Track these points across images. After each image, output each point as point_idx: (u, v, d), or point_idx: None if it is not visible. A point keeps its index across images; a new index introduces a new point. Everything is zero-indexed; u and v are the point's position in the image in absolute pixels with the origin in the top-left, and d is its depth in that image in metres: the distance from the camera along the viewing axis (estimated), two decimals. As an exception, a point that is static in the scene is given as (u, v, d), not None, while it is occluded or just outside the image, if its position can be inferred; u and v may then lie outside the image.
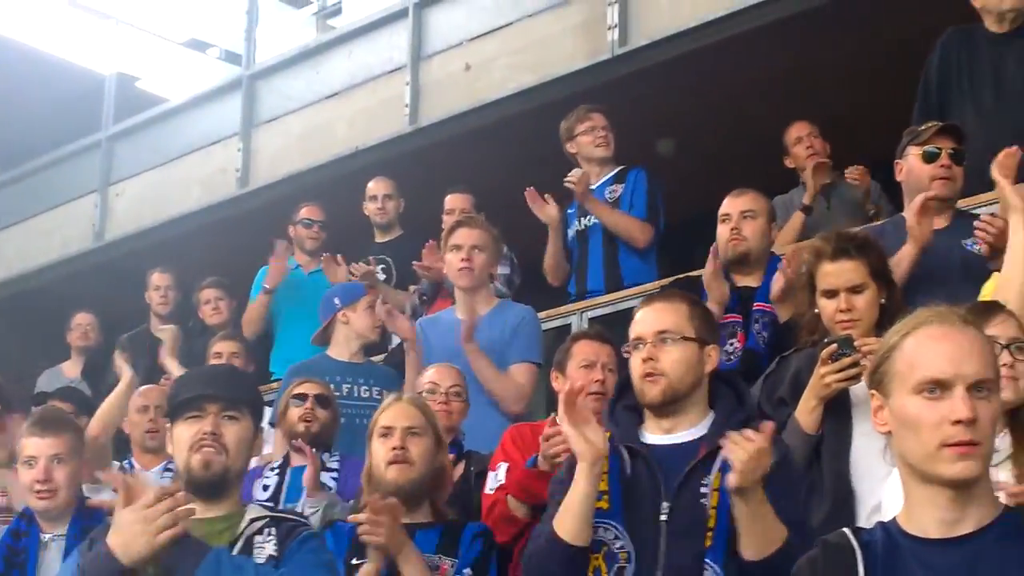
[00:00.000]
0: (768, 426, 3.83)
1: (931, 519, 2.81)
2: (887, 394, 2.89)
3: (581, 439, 3.91)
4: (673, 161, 9.95)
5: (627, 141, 8.04)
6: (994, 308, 4.19)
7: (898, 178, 5.86)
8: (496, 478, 5.25)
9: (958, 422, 2.74)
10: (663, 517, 3.94)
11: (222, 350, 8.28)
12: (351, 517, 4.72)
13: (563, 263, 8.01)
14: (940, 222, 5.60)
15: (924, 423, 2.79)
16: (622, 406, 4.21)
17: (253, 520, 4.01)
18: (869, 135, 8.66)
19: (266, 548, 3.96)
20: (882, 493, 4.01)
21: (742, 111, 9.04)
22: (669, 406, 4.08)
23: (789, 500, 3.95)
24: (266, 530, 4.00)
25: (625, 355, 4.24)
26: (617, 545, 3.97)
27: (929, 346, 2.84)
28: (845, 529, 2.93)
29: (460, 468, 5.66)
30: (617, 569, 3.94)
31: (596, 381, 5.27)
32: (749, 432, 3.77)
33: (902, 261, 5.41)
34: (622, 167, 7.95)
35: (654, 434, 4.10)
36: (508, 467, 5.21)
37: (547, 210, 7.85)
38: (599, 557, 3.97)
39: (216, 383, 4.17)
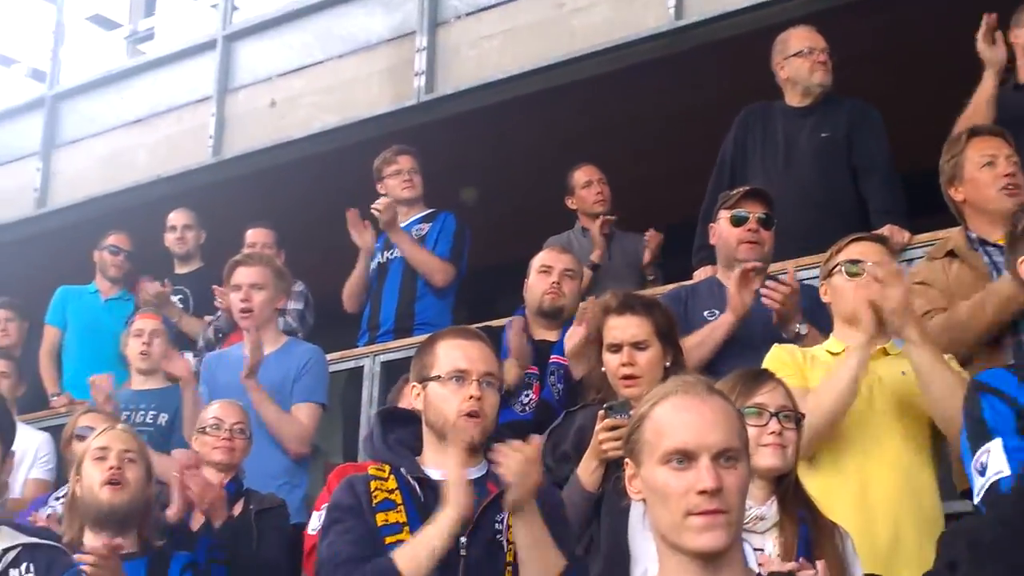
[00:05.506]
0: (535, 439, 3.95)
1: None
2: (639, 463, 2.95)
3: (461, 488, 3.89)
4: (474, 209, 10.10)
5: (430, 187, 8.16)
6: (763, 376, 4.26)
7: (711, 241, 5.99)
8: (320, 518, 5.17)
9: (703, 491, 2.81)
10: (462, 552, 3.96)
11: None
12: (77, 556, 4.65)
13: (362, 292, 8.08)
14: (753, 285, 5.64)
15: (671, 493, 2.84)
16: (394, 439, 4.22)
17: (7, 550, 3.96)
18: (655, 196, 8.97)
19: None
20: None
21: (542, 164, 9.20)
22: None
23: (566, 534, 4.08)
24: (24, 563, 3.95)
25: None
26: None
27: (674, 416, 2.89)
28: None
29: (240, 506, 5.68)
30: None
31: None
32: (516, 443, 3.89)
33: (718, 328, 5.54)
34: (432, 210, 8.09)
35: (436, 469, 4.10)
36: None
37: (364, 235, 7.94)
38: None
39: None
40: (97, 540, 4.86)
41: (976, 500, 3.84)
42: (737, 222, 5.79)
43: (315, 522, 5.29)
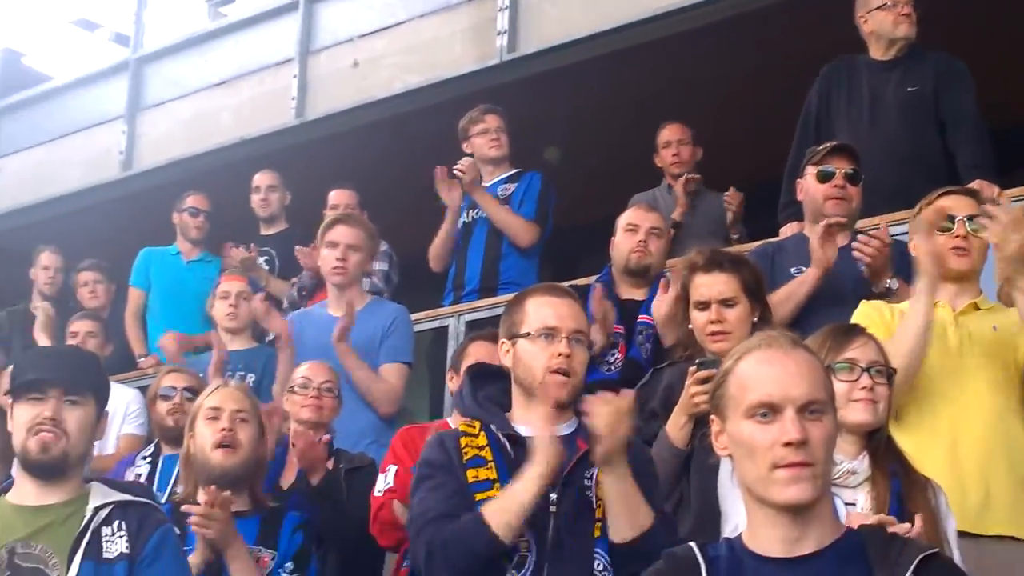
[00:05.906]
0: (627, 392, 3.95)
1: (772, 538, 2.87)
2: (724, 418, 2.95)
3: (549, 445, 3.90)
4: (558, 168, 10.08)
5: (512, 146, 8.13)
6: (854, 331, 4.23)
7: (798, 197, 5.95)
8: (385, 480, 5.29)
9: (788, 444, 2.81)
10: (552, 508, 3.96)
11: (78, 329, 8.27)
12: (184, 507, 4.74)
13: (449, 251, 8.08)
14: (838, 240, 5.63)
15: (757, 446, 2.84)
16: (483, 396, 4.22)
17: (98, 508, 3.97)
18: (739, 154, 8.89)
19: (116, 544, 3.93)
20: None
21: (626, 122, 9.16)
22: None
23: (654, 491, 4.08)
24: (115, 521, 3.97)
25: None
26: None
27: (758, 370, 2.90)
28: (691, 544, 2.98)
29: (330, 465, 5.68)
30: (519, 558, 3.92)
31: None
32: (607, 395, 3.89)
33: (804, 283, 5.52)
34: (518, 170, 8.08)
35: (526, 426, 4.08)
36: (397, 470, 5.23)
37: (452, 193, 7.94)
38: None
39: (58, 366, 4.13)
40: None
41: None
42: (824, 178, 5.75)
43: (380, 484, 5.31)
